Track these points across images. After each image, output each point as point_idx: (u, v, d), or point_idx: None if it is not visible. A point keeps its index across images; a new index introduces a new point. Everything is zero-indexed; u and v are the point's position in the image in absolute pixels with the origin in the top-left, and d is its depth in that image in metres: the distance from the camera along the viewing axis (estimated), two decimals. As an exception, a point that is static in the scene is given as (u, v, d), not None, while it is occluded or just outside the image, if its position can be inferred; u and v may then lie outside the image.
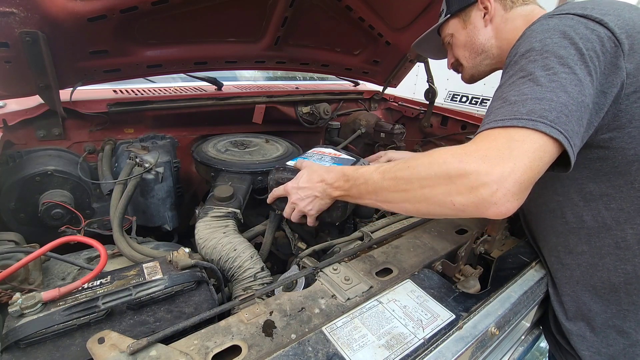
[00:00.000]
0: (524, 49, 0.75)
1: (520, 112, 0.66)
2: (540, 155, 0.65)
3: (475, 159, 0.65)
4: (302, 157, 1.22)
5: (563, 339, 1.00)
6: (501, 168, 0.62)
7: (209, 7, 1.39)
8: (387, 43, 1.93)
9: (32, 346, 0.67)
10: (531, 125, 0.64)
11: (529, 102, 0.67)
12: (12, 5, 1.00)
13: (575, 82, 0.67)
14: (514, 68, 0.74)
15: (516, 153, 0.64)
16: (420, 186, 0.72)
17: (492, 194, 0.63)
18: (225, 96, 1.84)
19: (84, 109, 1.47)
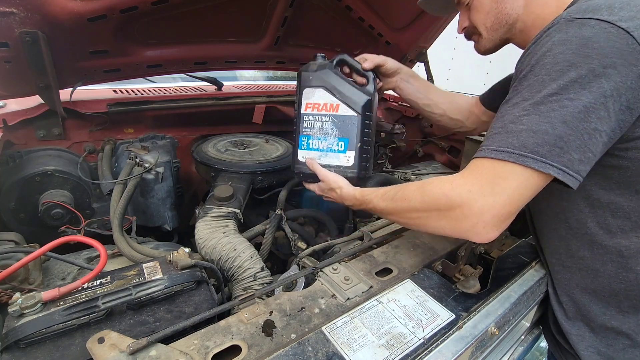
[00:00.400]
0: (535, 60, 0.73)
1: (513, 145, 0.70)
2: (522, 191, 0.71)
3: (460, 194, 0.73)
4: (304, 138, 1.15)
5: (563, 338, 1.00)
6: (481, 204, 0.71)
7: (209, 7, 1.39)
8: (387, 43, 1.93)
9: (32, 346, 0.67)
10: (520, 161, 0.69)
11: (524, 134, 0.69)
12: (12, 5, 1.00)
13: (579, 110, 0.66)
14: (523, 85, 0.73)
15: (497, 190, 0.71)
16: (417, 216, 0.83)
17: (473, 225, 0.73)
18: (225, 96, 1.84)
19: (84, 109, 1.48)
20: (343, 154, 1.11)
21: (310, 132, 1.13)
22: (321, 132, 1.12)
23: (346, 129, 1.09)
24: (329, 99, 1.09)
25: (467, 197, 0.72)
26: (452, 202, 0.74)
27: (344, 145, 1.10)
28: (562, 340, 1.00)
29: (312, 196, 1.63)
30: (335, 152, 1.11)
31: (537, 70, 0.71)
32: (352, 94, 1.08)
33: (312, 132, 1.12)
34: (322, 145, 1.12)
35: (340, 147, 1.11)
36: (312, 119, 1.12)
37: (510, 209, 0.72)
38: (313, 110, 1.11)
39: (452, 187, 0.75)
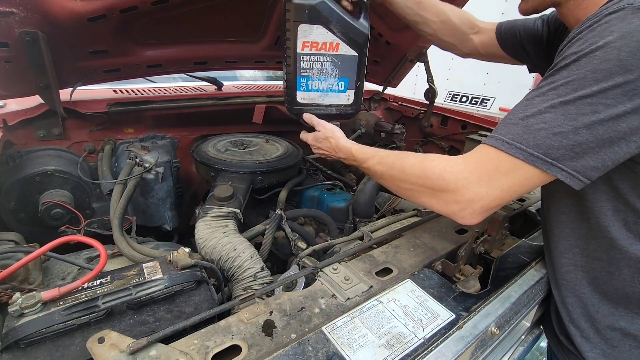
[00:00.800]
0: (584, 50, 0.65)
1: (528, 143, 0.68)
2: (519, 188, 0.72)
3: (457, 179, 0.74)
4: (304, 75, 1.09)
5: (566, 339, 0.99)
6: (473, 193, 0.73)
7: (209, 7, 1.39)
8: (387, 43, 1.93)
9: (32, 346, 0.67)
10: (529, 161, 0.68)
11: (542, 133, 0.67)
12: (12, 5, 1.01)
13: (610, 117, 0.62)
14: (561, 74, 0.67)
15: (494, 183, 0.72)
16: (410, 188, 0.85)
17: (460, 210, 0.76)
18: (225, 96, 1.84)
19: (84, 109, 1.48)
20: (343, 94, 1.12)
21: (309, 73, 1.08)
22: (321, 73, 1.08)
23: (346, 68, 1.08)
24: (329, 38, 1.03)
25: (462, 185, 0.74)
26: (446, 185, 0.75)
27: (344, 85, 1.10)
28: (565, 340, 0.99)
29: (312, 196, 1.64)
30: (336, 92, 1.11)
31: (582, 63, 0.65)
32: (352, 31, 1.03)
33: (311, 73, 1.08)
34: (323, 86, 1.11)
35: (341, 87, 1.11)
36: (311, 59, 1.06)
37: (500, 202, 0.74)
38: (311, 50, 1.05)
39: (451, 170, 0.76)
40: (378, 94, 2.44)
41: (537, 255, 1.09)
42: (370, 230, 1.12)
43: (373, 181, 1.46)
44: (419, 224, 1.15)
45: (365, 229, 1.13)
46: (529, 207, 1.32)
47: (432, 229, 1.13)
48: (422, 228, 1.13)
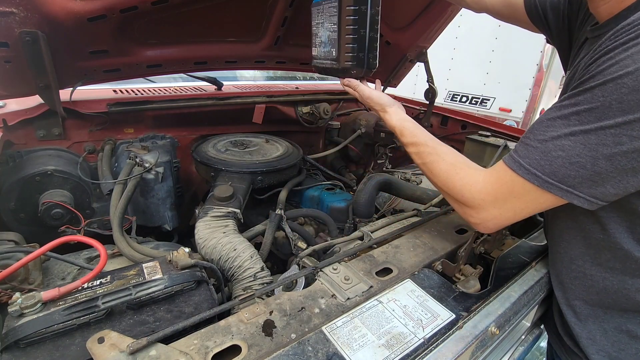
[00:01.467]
0: (612, 74, 0.59)
1: (544, 170, 0.68)
2: (531, 210, 0.75)
3: (474, 199, 0.79)
4: None
5: (571, 340, 0.98)
6: (487, 213, 0.79)
7: (209, 7, 1.39)
8: (387, 43, 1.93)
9: (32, 346, 0.67)
10: (544, 187, 0.69)
11: (559, 161, 0.66)
12: (12, 5, 1.01)
13: (634, 149, 0.59)
14: (585, 96, 0.63)
15: (507, 205, 0.76)
16: (437, 184, 0.90)
17: (475, 224, 0.83)
18: (225, 96, 1.84)
19: (84, 108, 1.48)
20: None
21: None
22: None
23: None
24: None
25: (478, 204, 0.79)
26: (465, 200, 0.81)
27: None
28: (570, 342, 0.98)
29: (312, 196, 1.64)
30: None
31: (608, 89, 0.60)
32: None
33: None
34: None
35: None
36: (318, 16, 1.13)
37: (513, 220, 0.79)
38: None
39: (470, 189, 0.80)
40: (378, 94, 2.44)
41: (537, 255, 1.09)
42: (370, 230, 1.12)
43: (373, 181, 1.46)
44: (419, 224, 1.15)
45: (365, 229, 1.13)
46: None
47: (432, 229, 1.13)
48: (422, 228, 1.13)
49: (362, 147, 2.30)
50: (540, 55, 4.35)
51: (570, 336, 0.97)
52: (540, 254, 1.10)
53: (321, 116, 2.12)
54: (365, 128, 2.16)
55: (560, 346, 1.04)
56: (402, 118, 1.01)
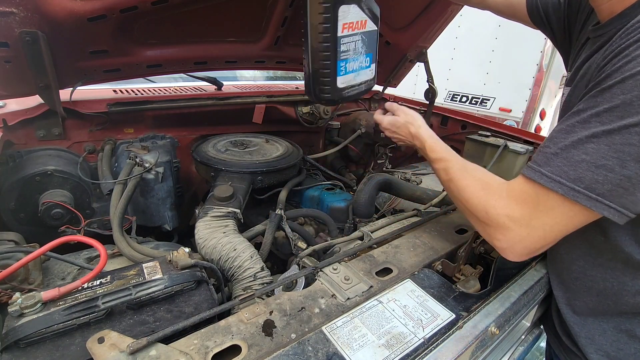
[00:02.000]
0: (630, 70, 0.58)
1: (568, 176, 0.63)
2: (562, 227, 0.68)
3: (499, 216, 0.73)
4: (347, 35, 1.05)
5: (569, 339, 0.98)
6: (515, 234, 0.71)
7: (209, 7, 1.39)
8: (387, 43, 1.93)
9: (32, 346, 0.67)
10: (571, 196, 0.63)
11: (583, 165, 0.61)
12: (12, 5, 1.01)
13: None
14: (604, 97, 0.61)
15: (535, 223, 0.69)
16: (461, 203, 0.85)
17: (502, 249, 0.75)
18: (225, 96, 1.84)
19: (84, 108, 1.48)
20: (368, 69, 1.13)
21: (346, 56, 1.07)
22: (355, 53, 1.08)
23: (370, 43, 1.10)
24: (360, 16, 1.04)
25: (504, 223, 0.72)
26: (489, 221, 0.75)
27: (369, 60, 1.12)
28: (568, 341, 0.98)
29: (312, 196, 1.64)
30: (365, 68, 1.11)
31: (627, 86, 0.58)
32: (373, 5, 1.06)
33: (348, 54, 1.07)
34: (355, 66, 1.10)
35: (367, 63, 1.12)
36: (348, 41, 1.05)
37: (543, 243, 0.71)
38: (349, 31, 1.04)
39: (494, 205, 0.74)
40: (378, 94, 2.44)
41: (537, 255, 1.09)
42: (370, 230, 1.12)
43: (373, 181, 1.46)
44: (419, 224, 1.15)
45: (365, 229, 1.13)
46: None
47: (432, 229, 1.13)
48: (422, 228, 1.13)
49: (362, 147, 2.29)
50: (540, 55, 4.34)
51: (569, 335, 0.97)
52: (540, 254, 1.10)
53: (321, 116, 2.12)
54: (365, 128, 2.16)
55: (558, 345, 1.04)
56: (432, 133, 1.00)
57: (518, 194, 0.72)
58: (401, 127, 1.06)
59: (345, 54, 1.06)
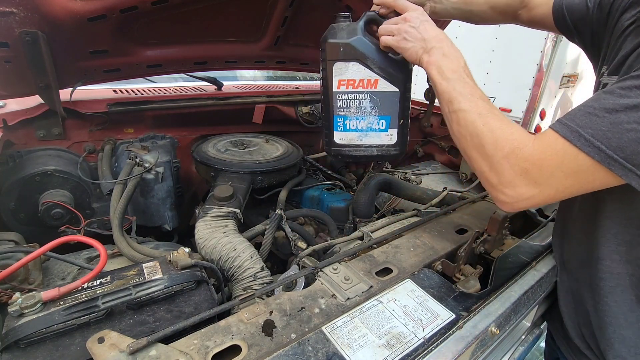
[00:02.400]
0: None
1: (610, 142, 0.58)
2: (577, 190, 0.65)
3: (516, 170, 0.67)
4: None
5: (583, 342, 0.96)
6: (524, 191, 0.67)
7: (209, 7, 1.39)
8: (387, 43, 1.93)
9: (32, 346, 0.67)
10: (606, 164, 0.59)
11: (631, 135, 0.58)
12: (12, 5, 1.01)
13: None
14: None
15: (551, 182, 0.65)
16: (470, 142, 0.75)
17: (503, 203, 0.72)
18: (225, 96, 1.84)
19: (84, 108, 1.48)
20: (385, 133, 1.03)
21: (346, 112, 1.03)
22: (359, 112, 1.02)
23: (387, 105, 1.00)
24: (366, 74, 0.97)
25: (515, 180, 0.67)
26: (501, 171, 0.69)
27: (385, 123, 1.02)
28: (581, 343, 0.96)
29: (312, 196, 1.64)
30: (377, 130, 1.03)
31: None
32: (391, 66, 0.96)
33: (348, 112, 1.02)
34: (361, 125, 1.03)
35: (382, 126, 1.02)
36: (348, 98, 1.01)
37: (548, 200, 0.68)
38: (348, 88, 1.00)
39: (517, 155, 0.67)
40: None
41: (537, 255, 1.09)
42: (370, 230, 1.12)
43: (373, 181, 1.46)
44: (419, 224, 1.15)
45: (365, 229, 1.13)
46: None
47: (432, 229, 1.13)
48: (422, 228, 1.13)
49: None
50: (540, 55, 4.34)
51: (582, 338, 0.95)
52: (540, 254, 1.10)
53: (321, 116, 2.12)
54: (365, 128, 2.16)
55: (566, 346, 1.02)
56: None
57: (543, 149, 0.65)
58: (406, 29, 0.88)
59: (342, 110, 1.03)
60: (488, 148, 0.71)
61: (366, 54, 0.96)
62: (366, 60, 0.96)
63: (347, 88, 1.00)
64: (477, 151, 0.74)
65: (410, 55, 0.88)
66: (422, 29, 0.86)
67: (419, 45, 0.86)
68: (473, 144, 0.75)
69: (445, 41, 0.85)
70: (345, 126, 1.05)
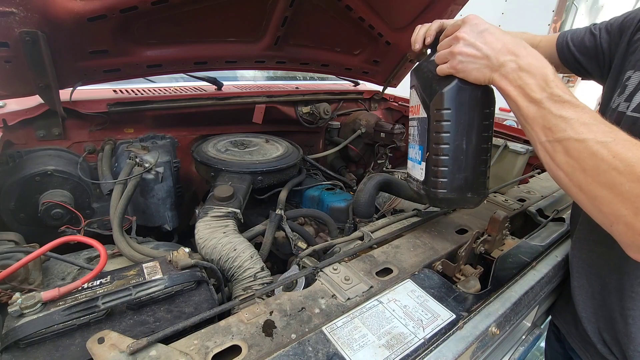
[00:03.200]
0: None
1: None
2: None
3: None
4: None
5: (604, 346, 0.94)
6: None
7: (209, 7, 1.39)
8: (387, 43, 1.93)
9: (32, 346, 0.67)
10: None
11: None
12: (12, 5, 1.00)
13: None
14: None
15: None
16: (593, 179, 0.60)
17: None
18: (225, 96, 1.84)
19: (84, 108, 1.48)
20: (419, 165, 0.93)
21: (410, 140, 1.01)
22: (412, 139, 0.99)
23: (422, 133, 0.91)
24: (415, 100, 0.93)
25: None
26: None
27: (420, 154, 0.93)
28: (603, 348, 0.94)
29: (312, 196, 1.64)
30: (418, 162, 0.95)
31: None
32: (427, 88, 0.87)
33: (410, 139, 1.00)
34: (412, 154, 0.99)
35: (418, 157, 0.94)
36: (410, 125, 1.00)
37: None
38: (412, 114, 0.98)
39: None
40: (378, 94, 2.44)
41: (537, 256, 1.09)
42: (370, 230, 1.12)
43: (373, 181, 1.46)
44: (419, 224, 1.15)
45: (365, 229, 1.13)
46: (529, 207, 1.32)
47: (432, 229, 1.13)
48: (422, 228, 1.13)
49: (362, 147, 2.29)
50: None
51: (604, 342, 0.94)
52: (541, 254, 1.10)
53: (321, 116, 2.12)
54: (365, 128, 2.16)
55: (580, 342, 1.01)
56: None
57: None
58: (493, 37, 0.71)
59: (410, 138, 1.01)
60: (628, 187, 0.56)
61: (418, 79, 0.91)
62: (418, 85, 0.92)
63: (411, 115, 0.99)
64: (607, 190, 0.59)
65: (476, 79, 0.75)
66: (481, 43, 0.72)
67: (482, 65, 0.72)
68: (599, 182, 0.59)
69: (517, 49, 0.69)
70: (409, 154, 1.02)
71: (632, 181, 0.56)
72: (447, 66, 0.79)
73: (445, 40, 0.80)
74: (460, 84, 0.80)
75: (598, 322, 0.97)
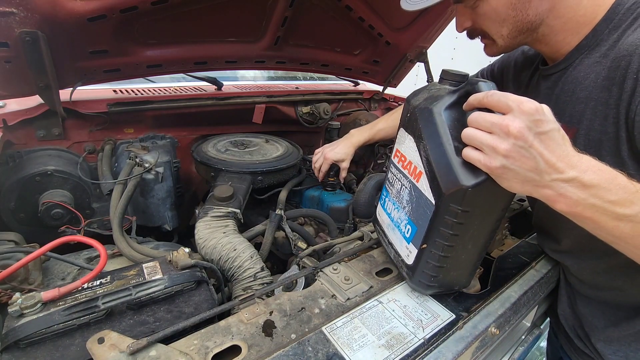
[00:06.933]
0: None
1: None
2: None
3: None
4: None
5: (582, 341, 0.97)
6: None
7: (209, 7, 1.39)
8: (387, 43, 1.93)
9: (32, 346, 0.67)
10: None
11: None
12: (12, 5, 1.00)
13: None
14: None
15: None
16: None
17: None
18: (225, 96, 1.84)
19: (84, 109, 1.48)
20: (406, 243, 0.79)
21: (389, 189, 0.85)
22: (397, 198, 0.81)
23: (419, 212, 0.73)
24: (416, 158, 0.72)
25: None
26: None
27: (411, 231, 0.77)
28: (579, 342, 0.97)
29: (312, 196, 1.64)
30: (401, 233, 0.81)
31: None
32: (441, 167, 0.65)
33: (390, 189, 0.84)
34: (394, 214, 0.83)
35: (407, 232, 0.78)
36: (395, 174, 0.82)
37: None
38: (398, 163, 0.80)
39: None
40: (378, 94, 2.44)
41: (537, 255, 1.09)
42: (370, 230, 1.12)
43: (373, 181, 1.46)
44: (419, 224, 1.15)
45: (365, 229, 1.13)
46: (528, 207, 1.32)
47: (432, 229, 1.12)
48: (422, 228, 1.13)
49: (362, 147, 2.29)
50: (539, 55, 4.35)
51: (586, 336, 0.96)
52: (540, 254, 1.10)
53: (321, 116, 2.12)
54: (365, 128, 2.15)
55: (568, 343, 1.03)
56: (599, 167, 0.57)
57: None
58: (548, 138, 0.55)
59: (388, 184, 0.85)
60: None
61: (423, 133, 0.68)
62: (421, 141, 0.69)
63: (398, 162, 0.80)
64: None
65: (513, 188, 0.60)
66: (537, 149, 0.54)
67: (529, 177, 0.56)
68: None
69: (579, 161, 0.55)
70: (384, 202, 0.88)
71: None
72: (479, 160, 0.59)
73: (485, 120, 0.58)
74: (491, 184, 0.61)
75: (574, 320, 1.00)
